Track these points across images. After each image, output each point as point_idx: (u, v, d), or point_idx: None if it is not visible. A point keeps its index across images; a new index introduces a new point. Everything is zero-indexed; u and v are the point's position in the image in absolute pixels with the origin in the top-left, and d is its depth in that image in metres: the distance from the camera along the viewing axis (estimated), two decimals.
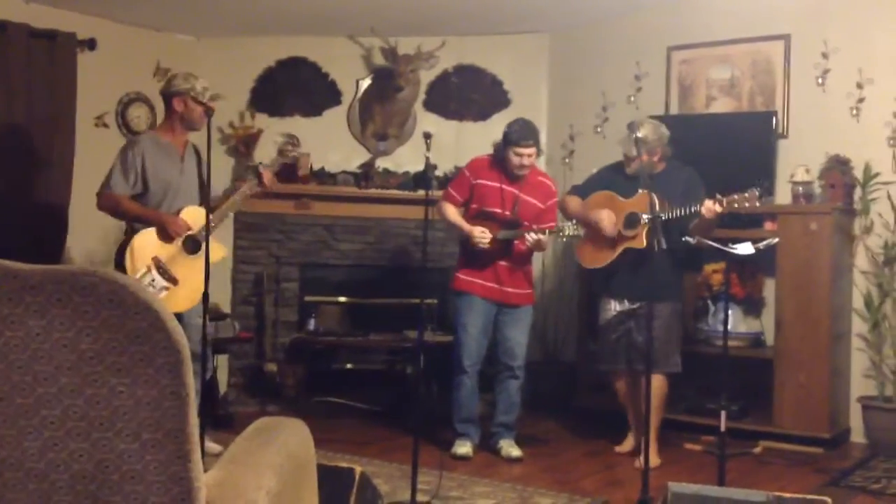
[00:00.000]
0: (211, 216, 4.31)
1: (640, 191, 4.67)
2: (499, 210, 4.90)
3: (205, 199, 4.39)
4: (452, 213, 5.00)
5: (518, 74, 6.71)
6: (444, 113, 6.67)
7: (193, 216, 4.43)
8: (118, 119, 6.14)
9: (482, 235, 4.84)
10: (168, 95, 4.56)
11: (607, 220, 4.79)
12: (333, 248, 6.49)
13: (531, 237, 4.75)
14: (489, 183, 4.93)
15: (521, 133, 4.86)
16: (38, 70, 5.57)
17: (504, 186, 4.91)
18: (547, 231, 4.78)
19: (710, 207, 4.44)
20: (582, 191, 5.08)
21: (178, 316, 4.21)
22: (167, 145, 4.54)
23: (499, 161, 4.93)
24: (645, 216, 4.55)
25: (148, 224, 4.39)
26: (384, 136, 6.63)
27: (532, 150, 4.85)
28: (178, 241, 4.41)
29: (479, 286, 4.92)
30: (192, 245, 4.42)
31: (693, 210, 4.50)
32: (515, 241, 4.89)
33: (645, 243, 4.58)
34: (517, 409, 5.01)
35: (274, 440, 2.04)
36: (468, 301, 4.93)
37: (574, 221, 4.83)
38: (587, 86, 6.47)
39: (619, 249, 4.77)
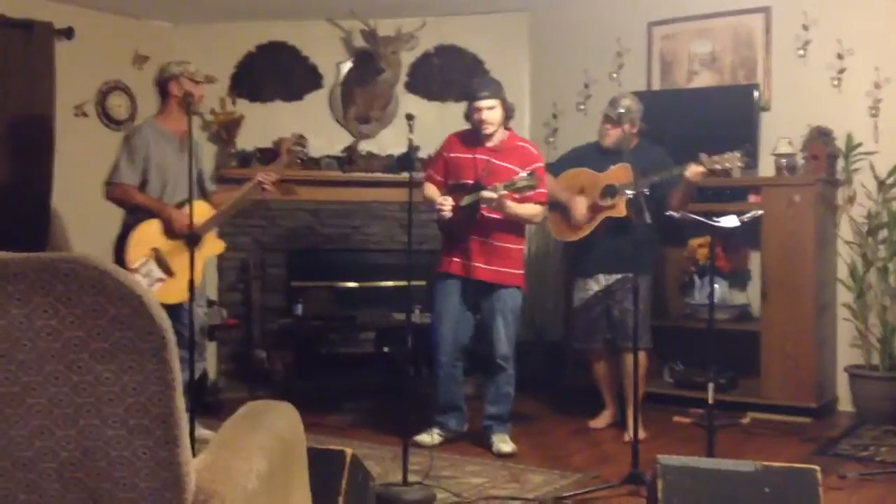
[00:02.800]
0: (215, 213, 4.53)
1: (611, 167, 4.72)
2: (471, 180, 4.60)
3: (205, 194, 4.50)
4: (431, 190, 4.76)
5: (499, 54, 6.69)
6: (426, 94, 6.66)
7: (198, 210, 4.43)
8: (98, 108, 6.11)
9: (441, 203, 4.58)
10: (164, 81, 4.60)
11: (579, 209, 4.82)
12: (319, 233, 6.48)
13: (486, 195, 4.41)
14: (462, 155, 4.66)
15: (477, 86, 4.68)
16: (15, 61, 5.52)
17: (477, 155, 4.63)
18: (502, 187, 4.39)
19: (695, 170, 4.49)
20: (555, 168, 5.07)
21: (178, 307, 4.20)
22: (167, 134, 4.58)
23: (474, 131, 4.68)
24: (628, 192, 4.54)
25: (155, 216, 4.43)
26: (366, 119, 6.61)
27: (492, 103, 4.54)
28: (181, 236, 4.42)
29: (453, 264, 4.63)
30: (192, 239, 4.40)
31: (675, 174, 4.55)
32: (482, 208, 4.52)
33: (625, 212, 4.61)
34: (508, 400, 4.69)
35: (262, 423, 2.04)
36: (442, 283, 4.67)
37: (528, 173, 4.50)
38: (569, 64, 6.46)
39: (598, 220, 4.78)
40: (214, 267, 6.35)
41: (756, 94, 5.67)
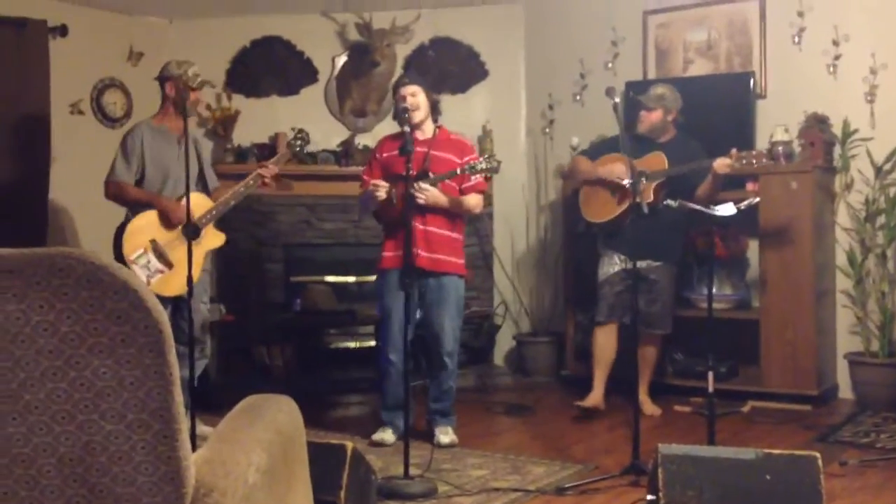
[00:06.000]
0: (214, 206, 4.54)
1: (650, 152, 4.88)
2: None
3: (207, 192, 4.48)
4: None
5: (495, 45, 6.68)
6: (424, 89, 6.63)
7: (196, 203, 4.46)
8: (93, 105, 6.10)
9: (376, 184, 4.49)
10: (161, 80, 4.64)
11: (618, 169, 4.86)
12: (317, 228, 6.47)
13: (422, 186, 4.35)
14: (394, 154, 4.43)
15: (400, 77, 4.84)
16: (9, 59, 5.51)
17: (416, 149, 4.36)
18: (461, 170, 4.40)
19: (722, 162, 4.60)
20: (592, 153, 5.21)
21: (180, 300, 4.23)
22: (165, 131, 4.59)
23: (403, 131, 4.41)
24: (656, 180, 4.76)
25: (151, 208, 4.45)
26: (363, 113, 6.60)
27: (413, 89, 4.52)
28: (179, 227, 4.44)
29: (395, 257, 4.48)
30: (192, 232, 4.39)
31: (704, 166, 4.69)
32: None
33: (652, 197, 4.68)
34: (450, 396, 4.62)
35: (262, 417, 2.03)
36: (386, 279, 4.54)
37: (486, 156, 4.52)
38: (564, 54, 6.45)
39: (627, 203, 4.81)
40: (212, 262, 6.34)
41: (752, 81, 5.66)
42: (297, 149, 4.90)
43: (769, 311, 5.28)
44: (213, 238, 4.65)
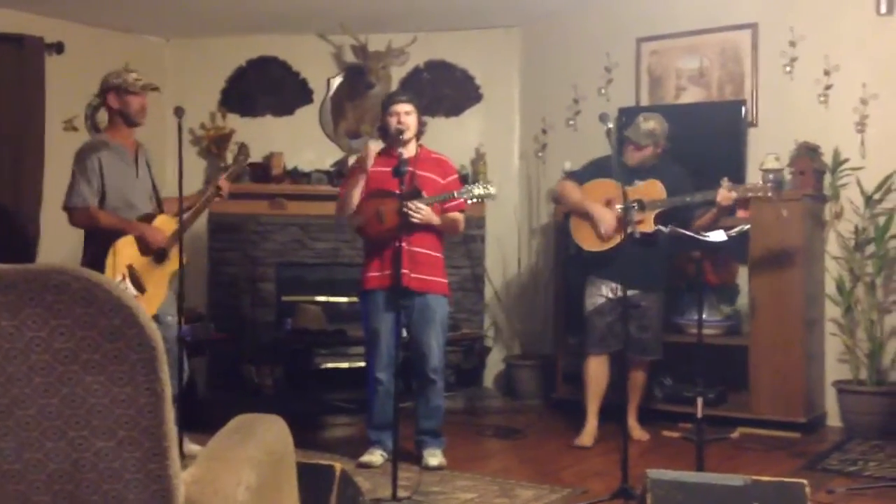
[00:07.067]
0: (179, 226, 4.30)
1: (637, 182, 4.83)
2: (395, 190, 4.26)
3: (159, 203, 4.45)
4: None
5: (489, 69, 6.73)
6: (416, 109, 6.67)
7: (165, 225, 4.36)
8: (88, 122, 6.10)
9: (367, 151, 4.49)
10: (103, 94, 4.46)
11: (608, 221, 4.81)
12: (309, 248, 6.48)
13: (418, 206, 4.32)
14: (380, 169, 4.45)
15: (394, 93, 4.84)
16: (5, 75, 5.54)
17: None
18: (457, 193, 4.40)
19: (725, 195, 4.58)
20: (579, 177, 5.09)
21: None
22: (118, 148, 4.39)
23: (388, 147, 4.55)
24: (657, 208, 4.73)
25: (125, 234, 4.26)
26: (357, 134, 6.63)
27: (409, 108, 4.49)
28: (152, 251, 4.32)
29: (381, 277, 4.47)
30: (160, 254, 4.34)
31: (709, 198, 4.66)
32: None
33: (652, 227, 4.66)
34: (440, 413, 4.60)
35: (251, 436, 2.03)
36: (371, 301, 4.51)
37: (481, 182, 4.51)
38: (558, 79, 6.49)
39: (619, 238, 4.75)
40: (204, 281, 6.35)
41: (744, 109, 5.71)
42: (242, 164, 4.92)
43: (758, 337, 5.29)
44: (176, 259, 4.36)
